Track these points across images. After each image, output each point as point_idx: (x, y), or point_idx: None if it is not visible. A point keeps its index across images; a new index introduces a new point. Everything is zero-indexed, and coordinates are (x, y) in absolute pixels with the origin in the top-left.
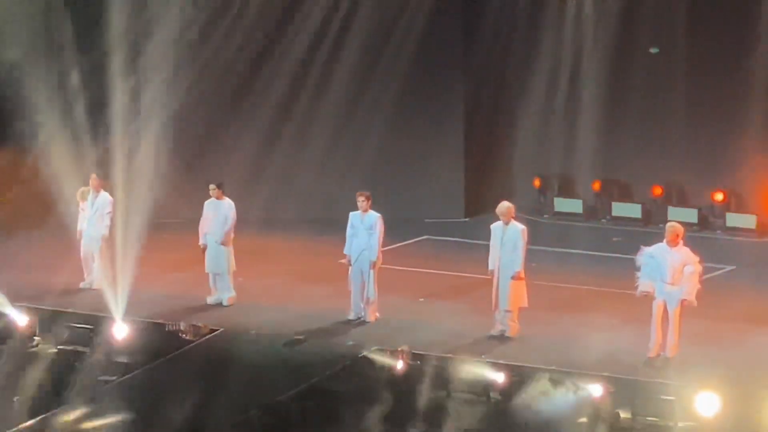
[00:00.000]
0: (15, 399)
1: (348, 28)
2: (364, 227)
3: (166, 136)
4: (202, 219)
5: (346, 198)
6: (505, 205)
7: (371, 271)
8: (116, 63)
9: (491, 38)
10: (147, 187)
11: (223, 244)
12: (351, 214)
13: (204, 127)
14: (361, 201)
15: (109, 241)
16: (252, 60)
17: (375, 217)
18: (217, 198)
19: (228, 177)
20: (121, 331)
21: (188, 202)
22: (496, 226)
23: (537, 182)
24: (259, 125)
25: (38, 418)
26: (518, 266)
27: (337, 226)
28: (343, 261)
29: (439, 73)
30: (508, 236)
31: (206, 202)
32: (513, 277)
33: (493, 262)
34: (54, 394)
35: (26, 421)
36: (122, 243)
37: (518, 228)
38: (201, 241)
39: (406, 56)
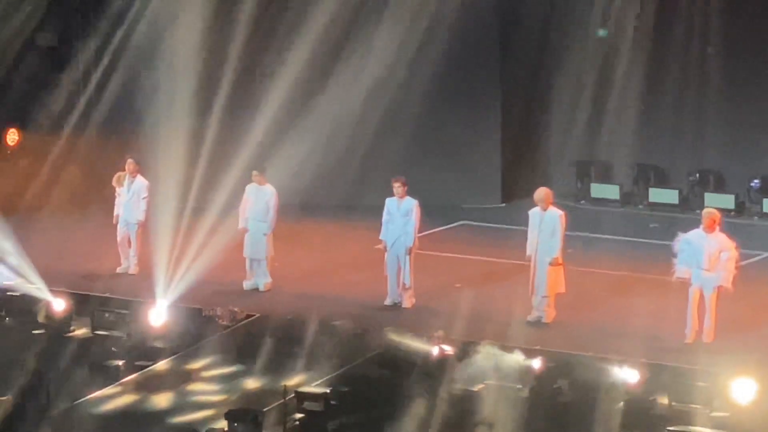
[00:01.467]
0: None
1: (384, 13)
2: (401, 213)
3: (203, 122)
4: (242, 202)
5: (383, 184)
6: (543, 191)
7: (407, 257)
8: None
9: (529, 24)
10: (186, 174)
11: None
12: (387, 200)
13: (241, 114)
14: (396, 187)
15: (148, 225)
16: (288, 45)
17: (412, 204)
18: (259, 184)
19: (266, 162)
20: (157, 316)
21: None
22: (533, 212)
23: None
24: (296, 111)
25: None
26: (556, 252)
27: (374, 212)
28: (379, 247)
29: (475, 58)
30: (546, 222)
31: (248, 186)
32: (551, 263)
33: (531, 247)
34: (89, 379)
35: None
36: (166, 228)
37: (556, 213)
38: (241, 225)
39: (442, 41)
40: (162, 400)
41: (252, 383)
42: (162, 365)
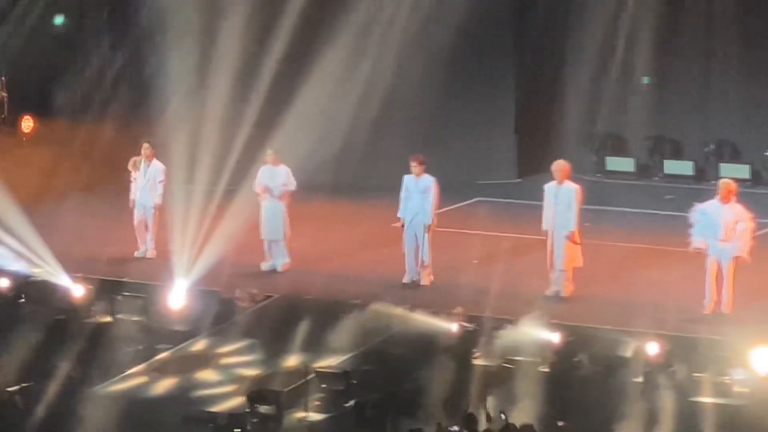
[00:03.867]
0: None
1: None
2: (418, 190)
3: (226, 101)
4: (256, 183)
5: (398, 162)
6: (561, 163)
7: (426, 235)
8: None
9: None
10: (209, 156)
11: (280, 198)
12: (405, 177)
13: (255, 94)
14: (414, 166)
15: (165, 209)
16: (308, 25)
17: (429, 181)
18: (274, 164)
19: (283, 143)
20: (176, 299)
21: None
22: (549, 186)
23: None
24: (310, 92)
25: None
26: (572, 226)
27: (389, 191)
28: (396, 225)
29: (489, 33)
30: (561, 196)
31: (262, 168)
32: (567, 237)
33: (547, 221)
34: (111, 364)
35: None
36: (182, 211)
37: (572, 188)
38: (260, 191)
39: (457, 19)
40: (183, 383)
41: (272, 364)
42: (182, 348)
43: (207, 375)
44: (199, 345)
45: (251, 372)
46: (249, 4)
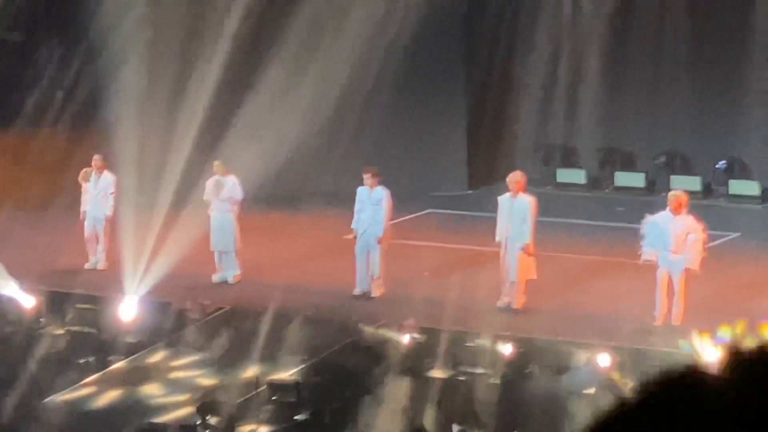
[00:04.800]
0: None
1: (351, 2)
2: (372, 203)
3: (176, 112)
4: (205, 194)
5: (352, 173)
6: (517, 175)
7: (378, 247)
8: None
9: (493, 10)
10: (158, 168)
11: (230, 206)
12: (359, 189)
13: (208, 105)
14: (366, 178)
15: (116, 220)
16: (258, 34)
17: (382, 193)
18: (221, 175)
19: (232, 154)
20: (127, 311)
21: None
22: (503, 199)
23: None
24: (263, 101)
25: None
26: (528, 238)
27: (343, 202)
28: (349, 236)
29: (440, 44)
30: (516, 208)
31: (210, 179)
32: (523, 249)
33: (500, 233)
34: (62, 375)
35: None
36: (133, 223)
37: (527, 200)
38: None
39: (408, 30)
40: (133, 394)
41: (223, 376)
42: (133, 360)
43: (158, 386)
44: (150, 357)
45: (202, 383)
46: (199, 15)
